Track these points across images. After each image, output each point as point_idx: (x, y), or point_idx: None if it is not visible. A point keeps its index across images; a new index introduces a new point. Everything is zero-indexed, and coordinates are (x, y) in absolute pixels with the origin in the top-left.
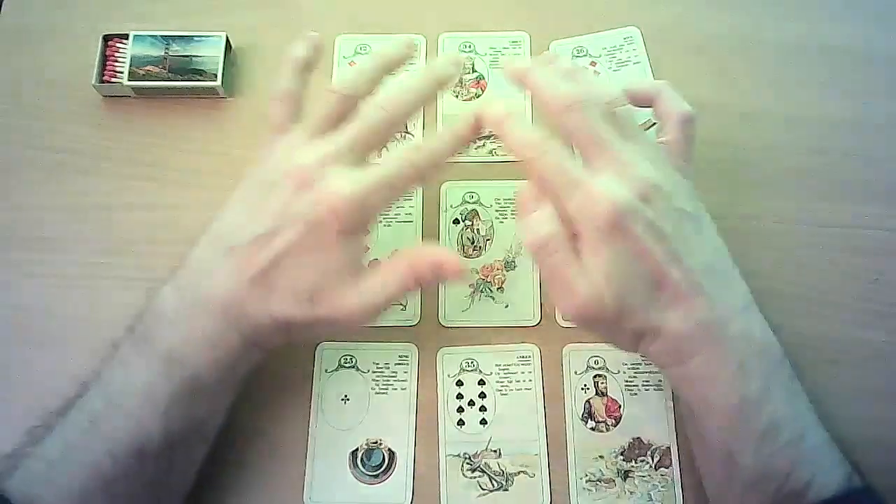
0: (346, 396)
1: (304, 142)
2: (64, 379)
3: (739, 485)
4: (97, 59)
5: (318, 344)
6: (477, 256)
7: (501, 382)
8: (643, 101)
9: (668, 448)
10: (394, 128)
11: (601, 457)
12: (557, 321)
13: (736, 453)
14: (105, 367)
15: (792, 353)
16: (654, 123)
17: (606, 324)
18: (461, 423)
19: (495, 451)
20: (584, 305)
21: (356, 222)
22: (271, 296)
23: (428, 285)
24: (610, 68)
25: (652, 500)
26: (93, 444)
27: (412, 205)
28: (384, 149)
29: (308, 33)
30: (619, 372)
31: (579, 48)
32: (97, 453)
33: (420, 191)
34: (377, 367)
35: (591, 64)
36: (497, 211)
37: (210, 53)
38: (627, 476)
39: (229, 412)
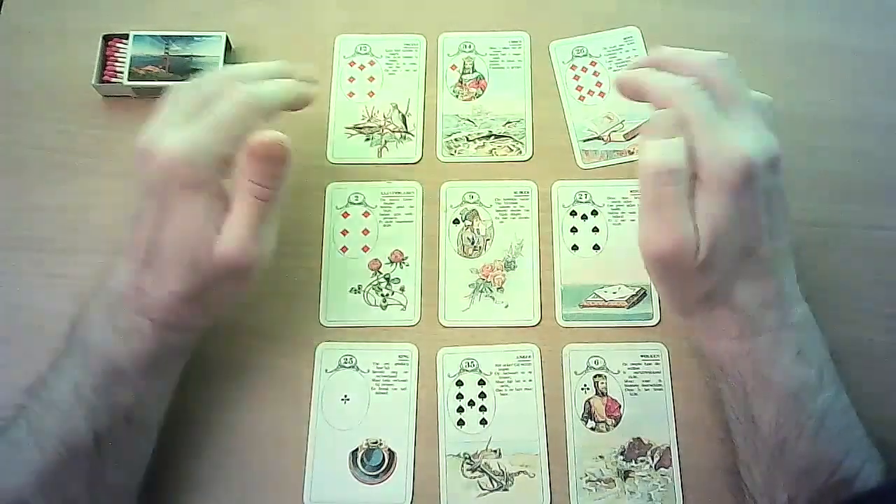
0: (346, 396)
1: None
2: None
3: (793, 471)
4: (97, 59)
5: (317, 344)
6: (477, 256)
7: (501, 382)
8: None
9: (668, 448)
10: (226, 87)
11: (601, 457)
12: (557, 321)
13: (792, 439)
14: (46, 374)
15: None
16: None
17: (683, 274)
18: (461, 423)
19: (495, 451)
20: (677, 246)
21: (195, 173)
22: (162, 273)
23: (269, 181)
24: (610, 68)
25: (652, 500)
26: (26, 439)
27: (412, 205)
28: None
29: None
30: (619, 372)
31: (579, 48)
32: (29, 449)
33: (420, 191)
34: (377, 367)
35: (591, 64)
36: (497, 211)
37: (210, 53)
38: (627, 476)
39: (166, 404)
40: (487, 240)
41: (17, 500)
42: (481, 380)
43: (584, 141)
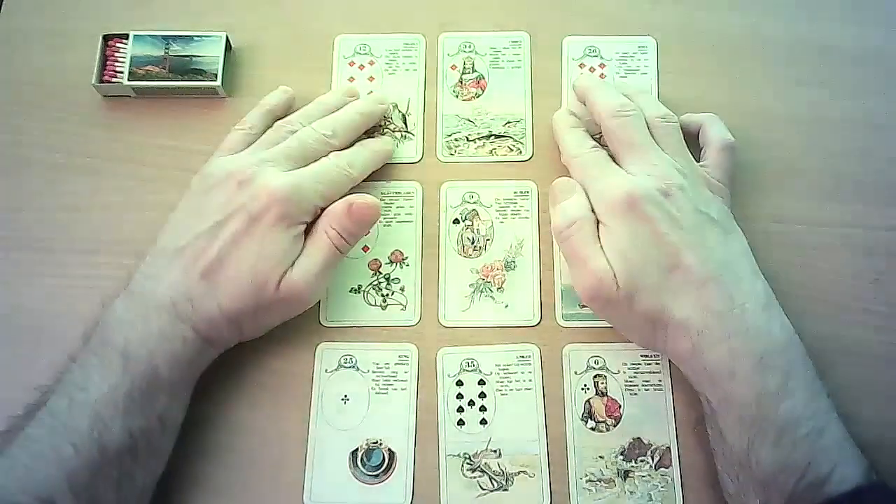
0: (346, 396)
1: (242, 154)
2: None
3: (758, 480)
4: (97, 59)
5: (317, 344)
6: (477, 256)
7: (501, 382)
8: (692, 130)
9: (668, 448)
10: (324, 145)
11: (601, 457)
12: (557, 321)
13: (754, 448)
14: (66, 373)
15: None
16: None
17: (619, 304)
18: (461, 423)
19: (495, 451)
20: (598, 282)
21: (294, 210)
22: (219, 288)
23: (354, 237)
24: (617, 73)
25: (652, 500)
26: (55, 437)
27: (412, 205)
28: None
29: (283, 87)
30: (619, 372)
31: (592, 48)
32: (60, 445)
33: (420, 191)
34: (377, 367)
35: (599, 66)
36: (497, 211)
37: (210, 53)
38: (627, 476)
39: (186, 410)
40: (487, 240)
41: (46, 497)
42: (481, 380)
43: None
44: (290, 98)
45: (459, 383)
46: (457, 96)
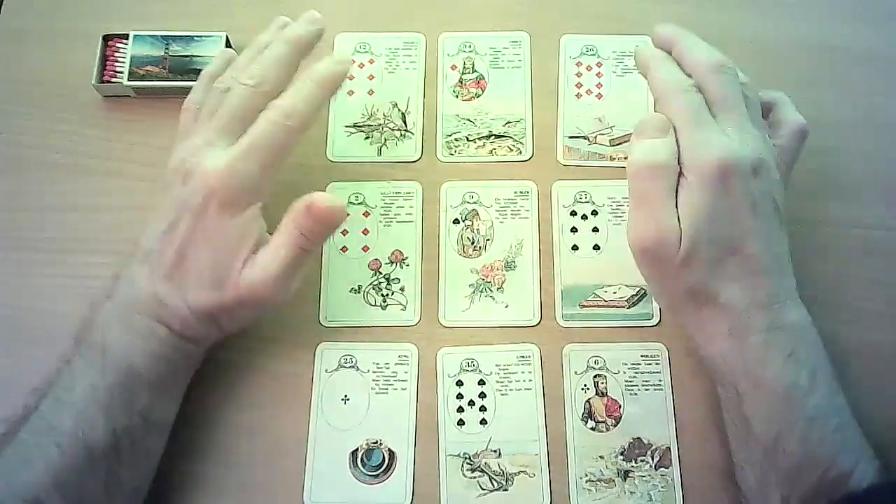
0: (346, 396)
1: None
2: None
3: (784, 471)
4: (97, 59)
5: (317, 344)
6: (477, 256)
7: (501, 382)
8: (763, 107)
9: (668, 448)
10: (259, 97)
11: (601, 457)
12: (557, 321)
13: (783, 438)
14: (58, 374)
15: None
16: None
17: (669, 268)
18: (461, 423)
19: (495, 451)
20: (659, 238)
21: (234, 195)
22: (183, 287)
23: (317, 237)
24: (614, 72)
25: (652, 500)
26: (41, 437)
27: (412, 205)
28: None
29: (221, 50)
30: (619, 372)
31: (590, 46)
32: (47, 448)
33: (420, 191)
34: (377, 367)
35: (596, 64)
36: (497, 211)
37: (210, 53)
38: (627, 476)
39: (175, 412)
40: (487, 240)
41: (32, 498)
42: (481, 380)
43: (570, 137)
44: (228, 58)
45: (459, 383)
46: (457, 96)
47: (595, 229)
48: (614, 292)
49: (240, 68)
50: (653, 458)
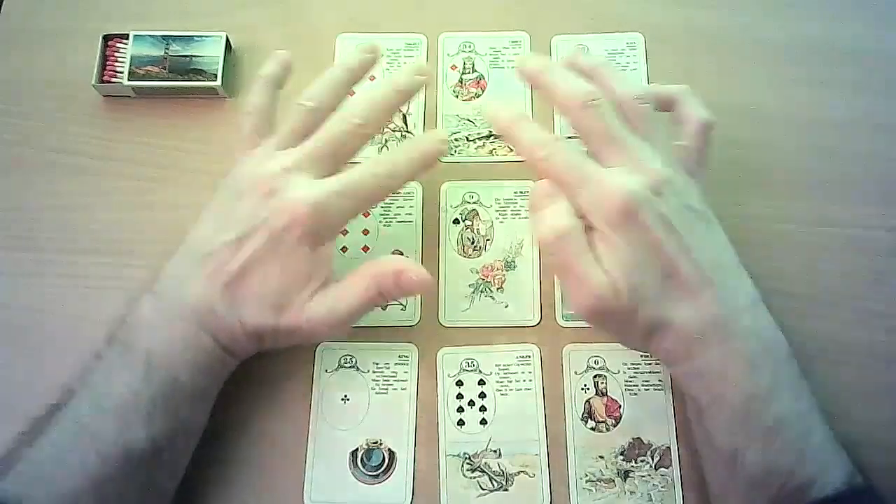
0: (346, 396)
1: (271, 154)
2: (63, 380)
3: (744, 482)
4: (97, 59)
5: (317, 344)
6: (477, 256)
7: (501, 382)
8: (664, 104)
9: (668, 448)
10: (358, 139)
11: (601, 457)
12: (557, 321)
13: (742, 450)
14: (89, 373)
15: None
16: None
17: (619, 317)
18: (461, 423)
19: (495, 451)
20: (599, 297)
21: (318, 229)
22: (241, 302)
23: (392, 297)
24: None
25: (652, 500)
26: (81, 445)
27: (412, 205)
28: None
29: (278, 52)
30: (619, 372)
31: (581, 47)
32: (86, 454)
33: (420, 191)
34: (377, 367)
35: None
36: (497, 211)
37: (210, 53)
38: (627, 476)
39: (208, 418)
40: (487, 240)
41: (72, 499)
42: (481, 380)
43: (567, 138)
44: (287, 62)
45: (459, 383)
46: (457, 96)
47: None
48: None
49: (334, 91)
50: (653, 458)
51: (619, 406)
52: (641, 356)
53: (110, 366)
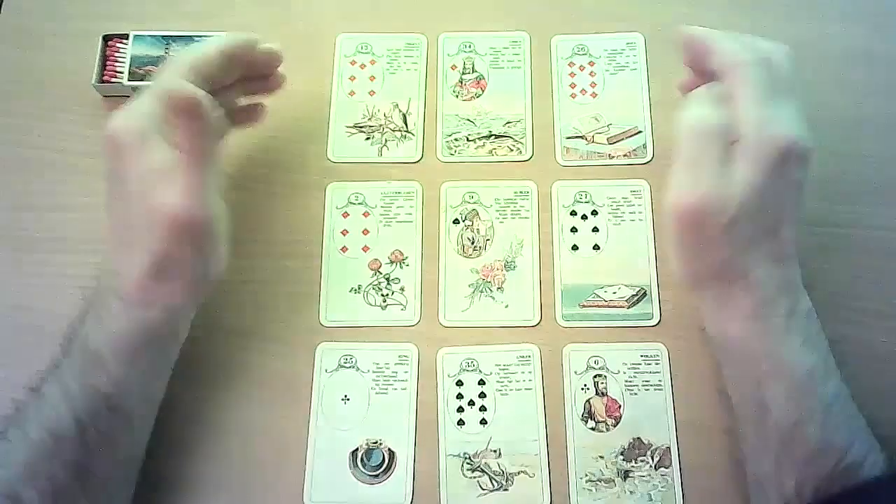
0: (346, 396)
1: None
2: None
3: (802, 457)
4: (97, 59)
5: (318, 344)
6: (477, 256)
7: (501, 382)
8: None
9: (668, 448)
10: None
11: (601, 457)
12: (557, 321)
13: (802, 423)
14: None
15: None
16: (640, 131)
17: (709, 233)
18: (461, 423)
19: (495, 451)
20: (708, 202)
21: (134, 133)
22: (130, 248)
23: (191, 133)
24: (607, 70)
25: (652, 500)
26: (17, 432)
27: (412, 205)
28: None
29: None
30: (619, 372)
31: (581, 46)
32: (18, 440)
33: (420, 191)
34: (377, 367)
35: (589, 63)
36: (497, 211)
37: None
38: (627, 476)
39: (154, 393)
40: (487, 240)
41: (9, 491)
42: (481, 380)
43: (567, 138)
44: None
45: (459, 383)
46: (457, 96)
47: (595, 229)
48: (614, 292)
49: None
50: (653, 458)
51: (619, 406)
52: (641, 356)
53: (56, 362)
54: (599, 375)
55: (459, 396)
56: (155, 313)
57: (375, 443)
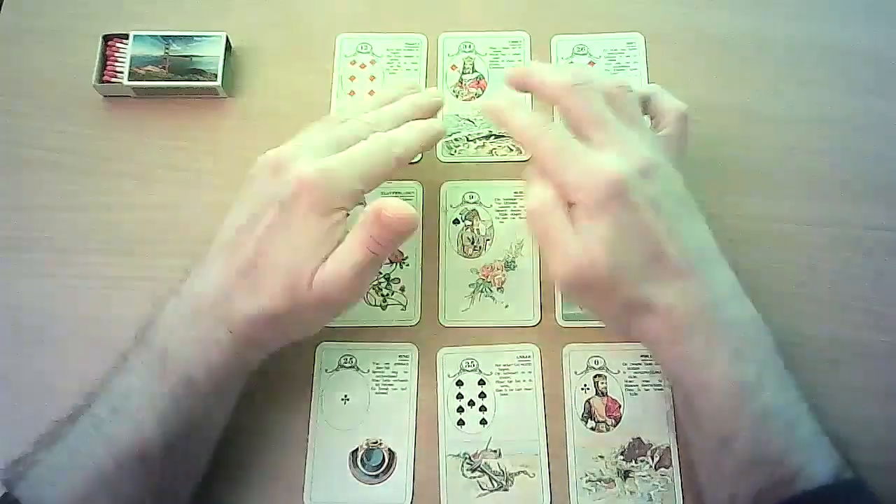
0: (346, 396)
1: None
2: (66, 379)
3: (731, 470)
4: (97, 59)
5: (317, 344)
6: (477, 256)
7: (501, 382)
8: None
9: (668, 448)
10: (367, 133)
11: (601, 457)
12: (557, 321)
13: (730, 438)
14: (111, 375)
15: (792, 353)
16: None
17: (597, 291)
18: (461, 423)
19: (495, 451)
20: (578, 266)
21: (327, 195)
22: (258, 284)
23: (388, 243)
24: (607, 70)
25: (652, 500)
26: (95, 447)
27: (412, 205)
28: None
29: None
30: (619, 372)
31: (581, 46)
32: (100, 456)
33: (420, 191)
34: (377, 367)
35: (589, 64)
36: (497, 211)
37: (210, 53)
38: (627, 476)
39: (230, 416)
40: (487, 240)
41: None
42: (481, 380)
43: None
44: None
45: (459, 383)
46: (457, 96)
47: None
48: None
49: (363, 109)
50: (653, 458)
51: (619, 406)
52: (641, 356)
53: (131, 367)
54: (599, 375)
55: (459, 396)
56: (258, 352)
57: (375, 443)
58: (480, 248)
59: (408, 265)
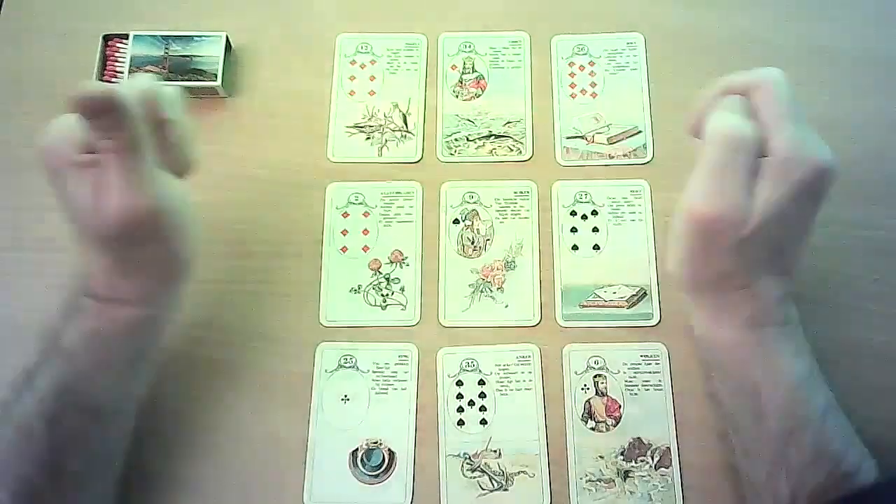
0: (346, 396)
1: None
2: None
3: (797, 464)
4: (97, 59)
5: (318, 344)
6: (477, 256)
7: (501, 382)
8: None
9: (668, 448)
10: None
11: (601, 457)
12: (557, 321)
13: (798, 430)
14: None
15: None
16: (640, 131)
17: (722, 242)
18: (461, 423)
19: (495, 451)
20: (727, 213)
21: (53, 156)
22: (86, 249)
23: (115, 131)
24: (607, 70)
25: (652, 500)
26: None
27: (412, 205)
28: None
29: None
30: (619, 372)
31: (580, 46)
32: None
33: (420, 191)
34: (377, 367)
35: (589, 63)
36: (497, 211)
37: (210, 53)
38: (627, 476)
39: (123, 396)
40: (487, 240)
41: None
42: (481, 380)
43: (567, 138)
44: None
45: (459, 383)
46: (457, 96)
47: (595, 229)
48: (614, 292)
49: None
50: (653, 458)
51: (619, 406)
52: (641, 356)
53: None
54: (599, 375)
55: (459, 396)
56: (128, 310)
57: (375, 443)
58: (480, 248)
59: (408, 265)
